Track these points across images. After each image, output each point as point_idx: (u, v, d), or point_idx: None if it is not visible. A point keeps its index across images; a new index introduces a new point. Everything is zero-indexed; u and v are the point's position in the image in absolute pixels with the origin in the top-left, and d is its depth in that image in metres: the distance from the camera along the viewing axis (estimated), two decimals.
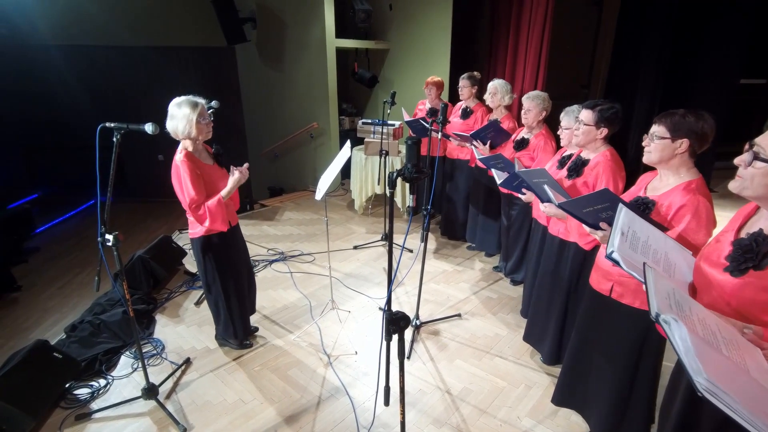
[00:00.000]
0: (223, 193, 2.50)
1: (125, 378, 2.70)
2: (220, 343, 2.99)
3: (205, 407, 2.46)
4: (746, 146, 1.22)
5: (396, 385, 1.58)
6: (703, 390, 0.90)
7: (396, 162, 4.96)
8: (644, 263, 1.19)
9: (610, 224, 1.78)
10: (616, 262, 1.33)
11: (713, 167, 6.15)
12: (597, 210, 1.78)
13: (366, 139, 5.08)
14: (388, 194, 1.40)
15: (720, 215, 1.70)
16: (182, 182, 2.38)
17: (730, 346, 1.04)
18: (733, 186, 1.26)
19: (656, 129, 1.77)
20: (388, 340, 1.42)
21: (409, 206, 1.66)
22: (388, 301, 1.45)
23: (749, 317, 1.22)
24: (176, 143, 2.47)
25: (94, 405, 2.48)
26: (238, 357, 2.87)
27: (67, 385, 2.55)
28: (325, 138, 6.19)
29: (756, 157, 1.17)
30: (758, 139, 1.19)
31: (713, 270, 1.33)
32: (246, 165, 2.59)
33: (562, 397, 2.36)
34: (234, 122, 6.96)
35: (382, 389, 1.74)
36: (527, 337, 2.94)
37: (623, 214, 1.46)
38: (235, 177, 2.51)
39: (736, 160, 1.24)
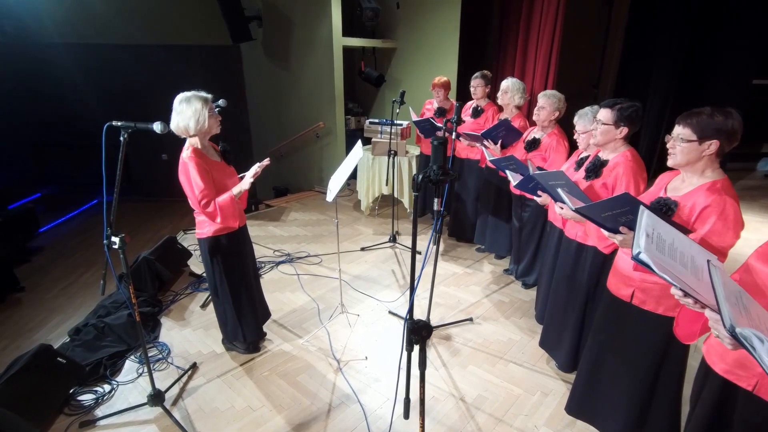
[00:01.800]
0: (235, 191, 2.43)
1: (130, 383, 2.63)
2: (227, 348, 2.92)
3: (213, 414, 2.40)
4: None
5: (414, 396, 1.51)
6: None
7: (404, 162, 4.89)
8: (708, 261, 1.11)
9: (630, 228, 1.71)
10: (645, 265, 1.24)
11: (726, 168, 6.05)
12: (616, 214, 1.71)
13: (373, 139, 5.01)
14: (412, 198, 1.33)
15: None
16: (190, 178, 2.30)
17: None
18: None
19: (681, 131, 1.68)
20: (409, 350, 1.34)
21: (435, 210, 1.58)
22: (410, 310, 1.38)
23: None
24: (181, 142, 2.39)
25: (99, 411, 2.42)
26: (245, 362, 2.80)
27: (71, 391, 2.49)
28: (332, 138, 6.12)
29: None
30: None
31: None
32: (267, 160, 2.53)
33: (577, 406, 2.28)
34: (239, 121, 6.91)
35: (396, 398, 1.67)
36: (543, 343, 2.86)
37: (646, 216, 1.39)
38: (250, 175, 2.45)
39: None
